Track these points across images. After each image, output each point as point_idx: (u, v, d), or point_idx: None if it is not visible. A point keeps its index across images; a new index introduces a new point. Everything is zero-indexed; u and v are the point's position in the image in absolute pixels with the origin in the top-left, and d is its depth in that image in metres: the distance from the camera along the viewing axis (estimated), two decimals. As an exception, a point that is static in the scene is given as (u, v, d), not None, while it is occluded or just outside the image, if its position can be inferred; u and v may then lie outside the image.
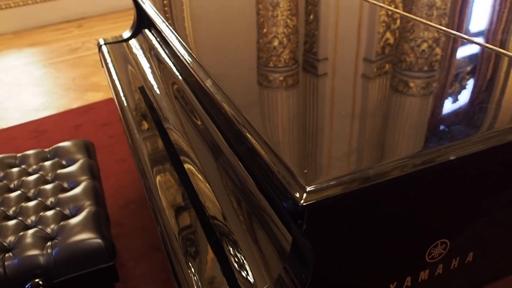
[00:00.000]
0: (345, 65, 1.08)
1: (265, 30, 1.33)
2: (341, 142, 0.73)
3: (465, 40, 1.09)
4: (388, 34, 1.30)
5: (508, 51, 1.00)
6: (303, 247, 0.68)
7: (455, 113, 0.82)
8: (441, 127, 0.77)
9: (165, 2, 1.72)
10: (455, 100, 0.87)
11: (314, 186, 0.59)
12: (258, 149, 0.70)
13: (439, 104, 0.86)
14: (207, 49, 1.23)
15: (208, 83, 0.94)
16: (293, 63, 1.10)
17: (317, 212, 0.61)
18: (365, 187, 0.60)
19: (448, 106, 0.85)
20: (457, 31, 1.16)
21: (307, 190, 0.59)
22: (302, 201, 0.58)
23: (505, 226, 0.87)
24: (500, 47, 1.02)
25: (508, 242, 0.90)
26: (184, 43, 1.20)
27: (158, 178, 1.10)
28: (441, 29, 1.17)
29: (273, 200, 0.80)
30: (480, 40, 1.11)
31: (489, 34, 1.18)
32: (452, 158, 0.63)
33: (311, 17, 1.45)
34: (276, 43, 1.22)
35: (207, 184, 0.97)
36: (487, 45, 1.05)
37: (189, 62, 1.11)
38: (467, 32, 1.20)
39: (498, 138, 0.70)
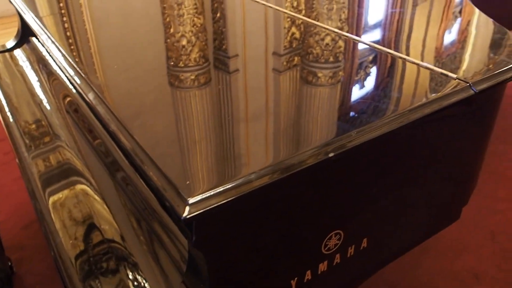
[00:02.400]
0: (256, 60, 1.10)
1: (172, 30, 1.31)
2: (229, 147, 0.73)
3: (356, 41, 1.14)
4: (293, 29, 1.34)
5: (400, 48, 1.07)
6: (197, 257, 0.67)
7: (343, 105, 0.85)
8: (332, 124, 0.80)
9: (61, 5, 1.62)
10: (361, 86, 0.92)
11: (196, 197, 0.58)
12: (140, 164, 0.67)
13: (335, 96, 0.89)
14: (105, 55, 1.18)
15: (91, 96, 0.89)
16: (204, 61, 1.09)
17: (204, 223, 0.60)
18: (248, 192, 0.60)
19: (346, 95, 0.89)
20: (356, 28, 1.21)
21: (189, 203, 0.58)
22: (184, 214, 0.57)
23: (393, 209, 0.92)
24: (394, 46, 1.08)
25: (397, 223, 0.96)
26: (64, 52, 1.13)
27: (51, 199, 1.03)
28: (330, 30, 1.21)
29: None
30: (378, 32, 1.18)
31: (385, 26, 1.26)
32: (331, 155, 0.65)
33: (218, 15, 1.44)
34: (184, 42, 1.19)
35: (104, 205, 0.92)
36: (379, 47, 1.10)
37: (70, 75, 1.05)
38: (366, 26, 1.28)
39: (391, 124, 0.74)
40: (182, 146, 0.74)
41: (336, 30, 1.17)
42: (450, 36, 1.13)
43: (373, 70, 0.98)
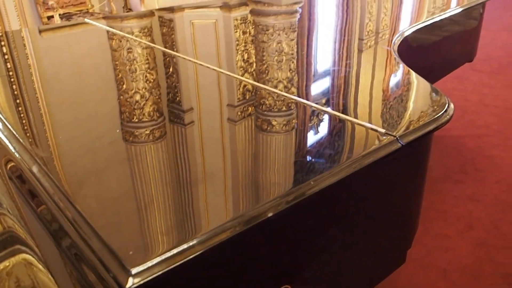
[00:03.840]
0: (211, 112, 1.13)
1: (125, 86, 1.32)
2: (178, 210, 0.74)
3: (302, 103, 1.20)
4: (246, 76, 1.38)
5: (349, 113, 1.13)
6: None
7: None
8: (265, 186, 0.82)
9: (9, 66, 1.61)
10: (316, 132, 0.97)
11: (139, 267, 0.58)
12: (83, 235, 0.67)
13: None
14: (55, 115, 1.17)
15: (35, 169, 0.88)
16: (158, 116, 1.10)
17: (148, 291, 0.60)
18: (191, 258, 0.61)
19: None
20: (302, 83, 1.28)
21: (132, 273, 0.58)
22: (128, 285, 0.57)
23: (339, 259, 0.95)
24: (329, 103, 1.15)
25: (344, 272, 0.98)
26: (6, 121, 1.12)
27: (-8, 269, 0.98)
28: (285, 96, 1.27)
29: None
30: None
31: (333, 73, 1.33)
32: (270, 215, 0.68)
33: (171, 69, 1.47)
34: (137, 98, 1.21)
35: (49, 275, 0.89)
36: (315, 105, 1.16)
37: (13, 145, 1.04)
38: (315, 74, 1.35)
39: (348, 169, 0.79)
40: (129, 213, 0.74)
41: (277, 91, 1.22)
42: (382, 93, 1.22)
43: (312, 128, 1.03)
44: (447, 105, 1.01)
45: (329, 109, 1.06)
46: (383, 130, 0.91)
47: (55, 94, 1.34)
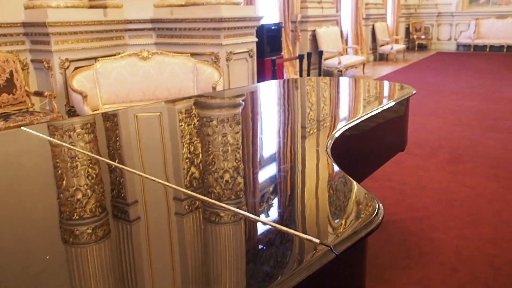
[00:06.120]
0: (157, 206, 1.10)
1: (64, 184, 1.28)
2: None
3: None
4: (193, 169, 1.36)
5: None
6: None
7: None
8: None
9: None
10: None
11: None
12: None
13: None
14: None
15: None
16: (101, 212, 1.06)
17: None
18: None
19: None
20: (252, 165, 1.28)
21: None
22: None
23: None
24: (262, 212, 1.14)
25: None
26: None
27: None
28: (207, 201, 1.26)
29: None
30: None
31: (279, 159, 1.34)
32: None
33: (116, 162, 1.43)
34: (79, 196, 1.16)
35: None
36: (248, 214, 1.15)
37: None
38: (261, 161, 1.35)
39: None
40: None
41: (217, 202, 1.21)
42: (317, 199, 1.21)
43: (250, 240, 1.02)
44: (377, 208, 1.02)
45: (266, 219, 1.05)
46: (317, 241, 0.91)
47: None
